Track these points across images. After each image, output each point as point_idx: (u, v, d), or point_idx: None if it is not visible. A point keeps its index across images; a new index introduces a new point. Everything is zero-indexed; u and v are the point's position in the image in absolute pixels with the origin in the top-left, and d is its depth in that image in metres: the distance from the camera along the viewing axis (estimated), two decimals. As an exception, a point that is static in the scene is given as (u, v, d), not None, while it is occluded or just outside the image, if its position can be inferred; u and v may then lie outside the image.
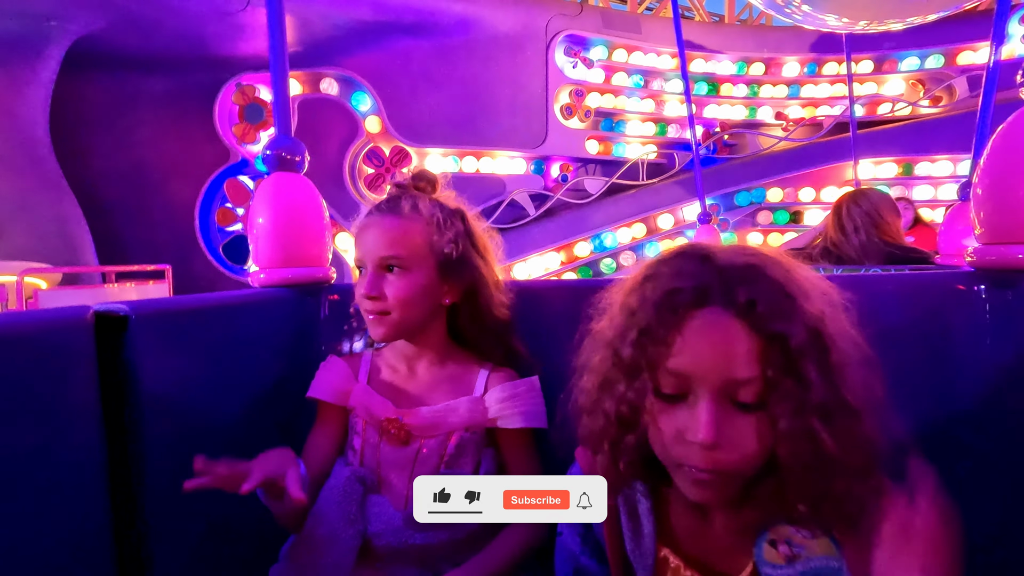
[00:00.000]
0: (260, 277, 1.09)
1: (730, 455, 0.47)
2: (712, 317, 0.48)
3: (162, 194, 4.15)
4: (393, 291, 0.80)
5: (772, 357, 0.46)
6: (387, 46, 4.45)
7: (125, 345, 0.80)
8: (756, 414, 0.47)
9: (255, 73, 4.17)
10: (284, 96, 1.14)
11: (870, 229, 1.90)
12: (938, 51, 5.09)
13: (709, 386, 0.47)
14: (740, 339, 0.47)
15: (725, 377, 0.46)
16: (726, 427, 0.46)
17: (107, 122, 4.03)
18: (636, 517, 0.59)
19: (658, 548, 0.57)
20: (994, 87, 1.78)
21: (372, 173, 4.61)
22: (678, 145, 5.23)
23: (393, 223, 0.82)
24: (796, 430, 0.46)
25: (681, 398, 0.49)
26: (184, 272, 3.81)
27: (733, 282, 0.48)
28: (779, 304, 0.47)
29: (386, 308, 0.80)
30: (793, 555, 0.50)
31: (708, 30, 5.48)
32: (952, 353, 0.79)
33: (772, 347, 0.46)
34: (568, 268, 4.88)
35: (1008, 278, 0.73)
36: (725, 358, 0.47)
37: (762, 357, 0.46)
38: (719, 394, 0.47)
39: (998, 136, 0.74)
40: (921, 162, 4.93)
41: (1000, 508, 0.74)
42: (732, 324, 0.47)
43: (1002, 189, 0.73)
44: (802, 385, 0.46)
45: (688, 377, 0.48)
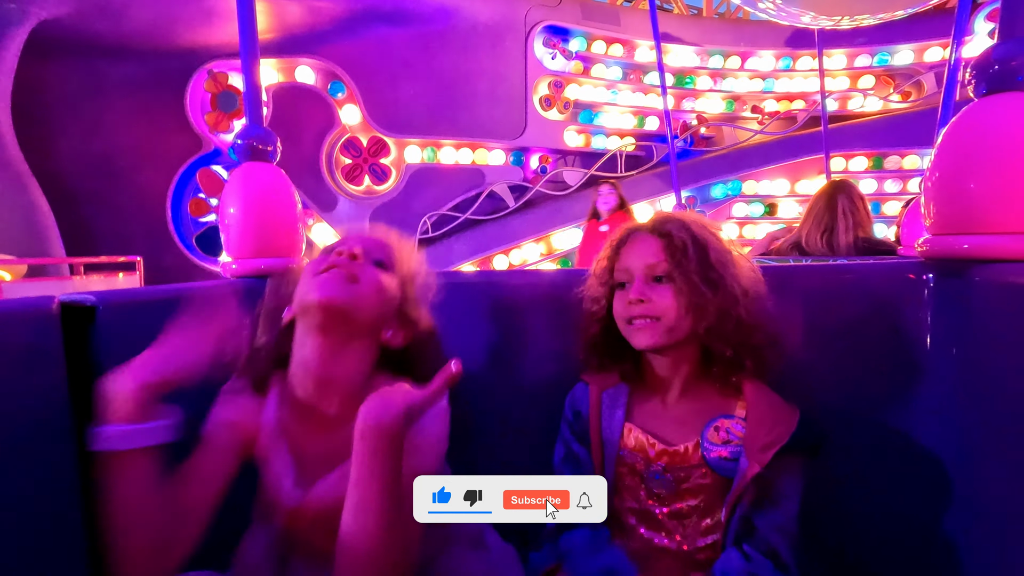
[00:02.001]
0: (232, 267, 1.09)
1: (655, 306, 0.76)
2: (639, 235, 0.82)
3: (132, 184, 4.05)
4: (371, 273, 0.70)
5: (669, 248, 0.77)
6: (364, 35, 4.40)
7: (93, 337, 0.79)
8: (667, 285, 0.77)
9: (227, 60, 4.08)
10: (255, 85, 1.13)
11: (851, 223, 1.95)
12: (908, 47, 5.21)
13: (639, 271, 0.78)
14: (651, 242, 0.79)
15: (645, 264, 0.78)
16: (648, 291, 0.77)
17: (74, 110, 3.92)
18: (613, 407, 0.81)
19: (625, 425, 0.80)
20: (955, 83, 1.84)
21: (349, 164, 4.56)
22: (656, 137, 5.28)
23: (389, 236, 0.79)
24: (689, 288, 0.75)
25: (626, 284, 0.79)
26: (156, 263, 3.74)
27: (655, 217, 0.83)
28: (679, 225, 0.79)
29: (358, 276, 0.69)
30: (728, 439, 0.74)
31: (686, 23, 5.53)
32: (904, 337, 0.83)
33: (668, 242, 0.77)
34: (548, 259, 4.91)
35: (955, 267, 0.77)
36: (645, 254, 0.78)
37: (664, 249, 0.77)
38: (644, 275, 0.78)
39: (947, 132, 0.77)
40: (891, 156, 5.07)
41: (952, 479, 0.79)
42: (648, 236, 0.80)
43: (951, 182, 0.77)
44: (688, 263, 0.75)
45: (628, 269, 0.79)
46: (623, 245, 0.82)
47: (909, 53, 5.22)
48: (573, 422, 0.84)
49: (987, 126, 0.73)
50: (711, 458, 0.74)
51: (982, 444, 0.72)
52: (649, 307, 0.76)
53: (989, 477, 0.71)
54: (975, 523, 0.74)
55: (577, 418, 0.84)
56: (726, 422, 0.75)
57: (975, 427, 0.73)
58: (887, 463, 0.85)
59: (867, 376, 0.86)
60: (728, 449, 0.73)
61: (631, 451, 0.78)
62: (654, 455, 0.77)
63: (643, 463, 0.77)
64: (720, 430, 0.74)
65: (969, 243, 0.75)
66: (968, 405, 0.74)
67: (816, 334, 0.84)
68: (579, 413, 0.83)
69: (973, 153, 0.74)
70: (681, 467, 0.75)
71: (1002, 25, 0.76)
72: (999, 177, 0.72)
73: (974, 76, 0.76)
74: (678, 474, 0.75)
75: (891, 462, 0.84)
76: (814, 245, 1.97)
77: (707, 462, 0.74)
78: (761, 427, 0.72)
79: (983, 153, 0.73)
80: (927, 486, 0.80)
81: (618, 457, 0.79)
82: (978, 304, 0.73)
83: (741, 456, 0.72)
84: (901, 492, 0.84)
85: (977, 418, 0.72)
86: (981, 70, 0.75)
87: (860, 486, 0.86)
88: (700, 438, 0.75)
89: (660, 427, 0.78)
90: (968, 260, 0.75)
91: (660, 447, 0.77)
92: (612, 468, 0.79)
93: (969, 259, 0.75)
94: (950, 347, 0.77)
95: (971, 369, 0.73)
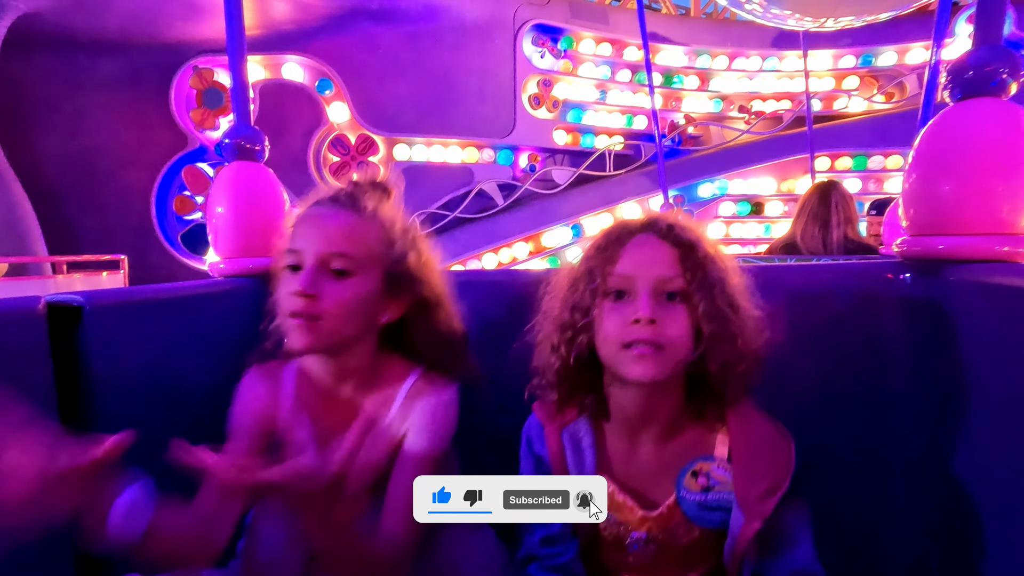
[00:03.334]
0: (220, 267, 1.09)
1: (664, 330, 0.62)
2: (644, 237, 0.67)
3: (116, 181, 3.99)
4: (333, 295, 0.69)
5: (687, 261, 0.64)
6: (352, 32, 4.36)
7: (80, 337, 0.79)
8: (681, 304, 0.63)
9: (213, 56, 4.03)
10: (243, 82, 1.13)
11: (843, 223, 1.99)
12: (891, 48, 5.28)
13: (646, 283, 0.63)
14: (664, 250, 0.65)
15: (656, 275, 0.63)
16: (659, 310, 0.62)
17: (55, 106, 3.84)
18: (580, 451, 0.69)
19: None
20: (935, 86, 1.87)
21: (337, 162, 4.53)
22: (644, 137, 5.30)
23: (349, 219, 0.73)
24: (710, 313, 0.63)
25: (625, 295, 0.65)
26: (141, 262, 3.69)
27: (657, 219, 0.68)
28: (685, 229, 0.67)
29: (319, 313, 0.69)
30: (708, 486, 0.64)
31: (674, 23, 5.55)
32: (882, 334, 0.85)
33: (686, 254, 0.64)
34: (536, 258, 4.92)
35: (930, 267, 0.79)
36: (656, 263, 0.64)
37: (680, 261, 0.64)
38: (653, 288, 0.63)
39: (924, 135, 0.80)
40: (875, 155, 5.14)
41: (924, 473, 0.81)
42: (658, 242, 0.66)
43: (926, 184, 0.79)
44: (711, 279, 0.63)
45: (630, 277, 0.64)
46: (620, 246, 0.66)
47: (892, 54, 5.30)
48: (535, 469, 0.72)
49: (961, 130, 0.75)
50: (691, 510, 0.64)
51: (953, 438, 0.74)
52: (658, 331, 0.61)
53: (960, 471, 0.73)
54: (947, 516, 0.76)
55: (539, 464, 0.72)
56: (705, 465, 0.65)
57: (946, 421, 0.75)
58: (860, 457, 0.87)
59: (843, 373, 0.88)
60: (710, 496, 0.64)
61: (608, 511, 0.64)
62: (634, 521, 0.66)
63: (623, 529, 0.67)
64: (699, 475, 0.65)
65: (944, 244, 0.77)
66: (940, 401, 0.77)
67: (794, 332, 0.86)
68: (540, 459, 0.71)
69: (948, 156, 0.76)
70: (666, 529, 0.66)
71: (977, 31, 0.78)
72: (973, 179, 0.74)
73: (950, 81, 0.78)
74: (662, 538, 0.66)
75: (864, 456, 0.87)
76: (810, 241, 2.00)
77: (687, 515, 0.64)
78: (754, 471, 0.62)
79: (957, 157, 0.75)
80: (899, 479, 0.83)
81: None
82: (952, 303, 0.75)
83: (733, 508, 0.62)
84: (874, 485, 0.86)
85: (948, 413, 0.75)
86: (956, 75, 0.77)
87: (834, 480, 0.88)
88: (675, 486, 0.65)
89: (636, 479, 0.67)
90: (943, 260, 0.77)
91: (640, 513, 0.66)
92: (586, 530, 0.69)
93: (944, 259, 0.77)
94: (925, 345, 0.80)
95: (944, 366, 0.75)
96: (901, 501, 0.83)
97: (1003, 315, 0.65)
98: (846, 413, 0.88)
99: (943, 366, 0.75)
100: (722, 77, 5.43)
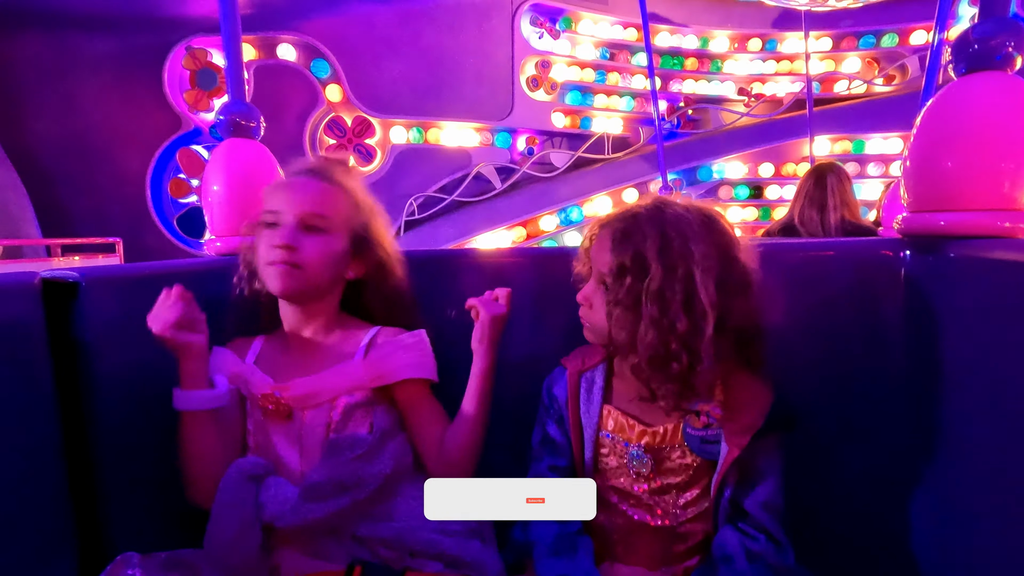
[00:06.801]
0: (216, 245, 1.08)
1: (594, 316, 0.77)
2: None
3: (109, 164, 3.94)
4: (310, 249, 0.81)
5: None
6: (347, 11, 4.29)
7: (75, 313, 0.78)
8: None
9: (206, 36, 3.96)
10: (237, 59, 1.11)
11: (840, 206, 1.98)
12: (892, 30, 5.23)
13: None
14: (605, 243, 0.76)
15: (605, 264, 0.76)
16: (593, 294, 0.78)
17: (45, 86, 3.78)
18: (591, 391, 0.82)
19: (604, 407, 0.81)
20: (937, 67, 1.86)
21: (334, 144, 4.49)
22: (643, 119, 5.26)
23: (322, 186, 0.85)
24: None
25: None
26: (136, 245, 3.67)
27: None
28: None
29: (299, 262, 0.81)
30: (708, 423, 0.75)
31: (674, 4, 5.48)
32: (881, 312, 0.85)
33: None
34: (534, 241, 4.90)
35: (930, 243, 0.79)
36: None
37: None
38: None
39: (926, 112, 0.79)
40: (874, 138, 5.11)
41: (922, 449, 0.82)
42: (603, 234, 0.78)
43: (928, 161, 0.78)
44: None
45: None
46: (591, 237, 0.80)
47: (894, 36, 5.24)
48: (549, 406, 0.86)
49: (965, 105, 0.75)
50: (694, 444, 0.76)
51: (953, 414, 0.75)
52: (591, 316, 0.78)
53: (958, 447, 0.74)
54: (943, 492, 0.77)
55: (553, 402, 0.85)
56: (706, 406, 0.76)
57: (945, 397, 0.76)
58: (858, 434, 0.88)
59: (843, 350, 0.89)
60: (710, 432, 0.75)
61: (611, 432, 0.80)
62: (634, 436, 0.78)
63: (623, 443, 0.79)
64: (701, 415, 0.76)
65: (945, 220, 0.77)
66: (940, 377, 0.77)
67: (795, 310, 0.86)
68: (555, 397, 0.85)
69: (951, 132, 0.75)
70: (661, 447, 0.77)
71: (982, 4, 0.77)
72: (975, 155, 0.73)
73: (954, 55, 0.77)
74: (659, 454, 0.77)
75: (862, 433, 0.87)
76: (809, 222, 1.99)
77: (690, 448, 0.76)
78: (738, 411, 0.74)
79: (960, 131, 0.74)
80: (897, 456, 0.83)
81: (598, 438, 0.81)
82: (952, 279, 0.75)
83: (722, 439, 0.74)
84: (872, 461, 0.87)
85: (947, 389, 0.75)
86: (960, 49, 0.76)
87: (833, 455, 0.89)
88: (682, 423, 0.76)
89: (640, 409, 0.79)
90: (944, 236, 0.77)
91: (639, 428, 0.78)
92: (592, 449, 0.81)
93: (945, 235, 0.77)
94: (924, 321, 0.80)
95: (943, 342, 0.76)
96: (899, 478, 0.84)
97: (1004, 290, 0.65)
98: (844, 390, 0.88)
99: (942, 342, 0.76)
100: (722, 59, 5.37)
